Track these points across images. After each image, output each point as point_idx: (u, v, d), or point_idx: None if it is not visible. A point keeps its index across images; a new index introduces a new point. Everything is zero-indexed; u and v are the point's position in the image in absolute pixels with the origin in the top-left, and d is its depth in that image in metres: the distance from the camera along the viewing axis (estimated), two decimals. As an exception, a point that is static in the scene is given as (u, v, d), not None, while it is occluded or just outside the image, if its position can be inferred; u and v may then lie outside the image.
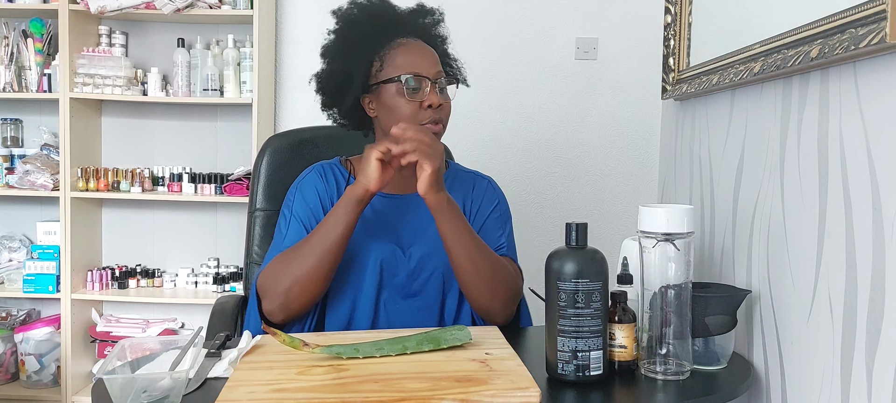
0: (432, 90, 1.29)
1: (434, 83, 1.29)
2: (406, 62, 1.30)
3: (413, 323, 1.30)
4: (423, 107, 1.28)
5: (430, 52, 1.34)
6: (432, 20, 1.42)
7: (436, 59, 1.33)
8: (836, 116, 1.03)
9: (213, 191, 2.71)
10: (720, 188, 1.46)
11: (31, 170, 2.67)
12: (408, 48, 1.32)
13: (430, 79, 1.29)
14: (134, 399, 0.92)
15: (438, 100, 1.29)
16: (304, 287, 1.23)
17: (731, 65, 1.36)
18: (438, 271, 1.32)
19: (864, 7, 0.93)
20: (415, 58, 1.30)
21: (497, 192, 1.47)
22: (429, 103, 1.28)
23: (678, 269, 1.09)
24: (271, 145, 1.64)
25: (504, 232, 1.42)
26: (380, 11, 1.37)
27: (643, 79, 2.72)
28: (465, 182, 1.44)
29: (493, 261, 1.29)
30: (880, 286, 0.92)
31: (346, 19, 1.38)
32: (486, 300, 1.28)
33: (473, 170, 1.49)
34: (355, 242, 1.30)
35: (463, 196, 1.42)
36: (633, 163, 2.79)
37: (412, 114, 1.28)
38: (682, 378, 1.08)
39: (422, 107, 1.28)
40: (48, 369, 2.74)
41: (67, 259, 2.67)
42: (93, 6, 2.56)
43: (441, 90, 1.31)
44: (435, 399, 0.90)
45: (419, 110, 1.28)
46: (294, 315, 1.26)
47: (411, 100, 1.28)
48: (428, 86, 1.29)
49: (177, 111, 2.86)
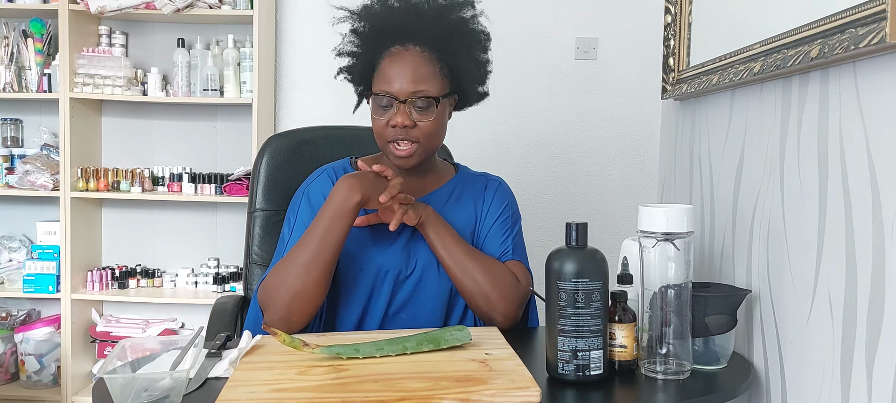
0: (401, 110, 1.26)
1: (404, 103, 1.26)
2: (381, 77, 1.28)
3: (419, 324, 1.30)
4: (389, 125, 1.27)
5: (416, 68, 1.27)
6: (459, 18, 1.33)
7: (422, 75, 1.26)
8: (835, 116, 1.03)
9: (213, 191, 2.71)
10: (720, 188, 1.46)
11: (31, 170, 2.67)
12: (390, 60, 1.28)
13: (398, 100, 1.26)
14: (134, 399, 0.92)
15: (404, 120, 1.26)
16: (305, 298, 1.23)
17: (731, 65, 1.36)
18: (444, 276, 1.32)
19: (864, 7, 0.93)
20: (390, 73, 1.27)
21: (507, 194, 1.45)
22: (393, 123, 1.27)
23: (678, 269, 1.09)
24: (271, 145, 1.63)
25: (510, 234, 1.40)
26: (390, 13, 1.31)
27: (643, 80, 2.72)
28: (474, 187, 1.43)
29: (486, 267, 1.29)
30: (880, 286, 0.92)
31: (361, 16, 1.34)
32: (481, 305, 1.29)
33: (483, 173, 1.48)
34: (363, 250, 1.30)
35: (474, 201, 1.41)
36: (633, 163, 2.79)
37: (379, 130, 1.29)
38: (682, 377, 1.08)
39: (388, 125, 1.28)
40: (48, 369, 2.74)
41: (67, 259, 2.67)
42: (93, 6, 2.56)
43: (419, 109, 1.27)
44: (435, 399, 0.90)
45: (386, 127, 1.28)
46: (296, 327, 1.24)
47: (380, 118, 1.29)
48: (395, 106, 1.27)
49: (177, 111, 2.86)
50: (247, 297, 1.58)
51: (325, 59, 2.40)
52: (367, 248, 1.32)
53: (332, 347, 1.05)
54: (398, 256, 1.32)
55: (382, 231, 1.32)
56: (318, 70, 2.80)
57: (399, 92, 1.26)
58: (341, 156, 1.46)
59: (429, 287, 1.33)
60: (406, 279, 1.32)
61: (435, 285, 1.33)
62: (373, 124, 1.31)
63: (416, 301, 1.33)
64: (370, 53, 1.31)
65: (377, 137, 1.31)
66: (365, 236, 1.33)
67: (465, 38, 1.32)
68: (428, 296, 1.33)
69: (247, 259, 1.60)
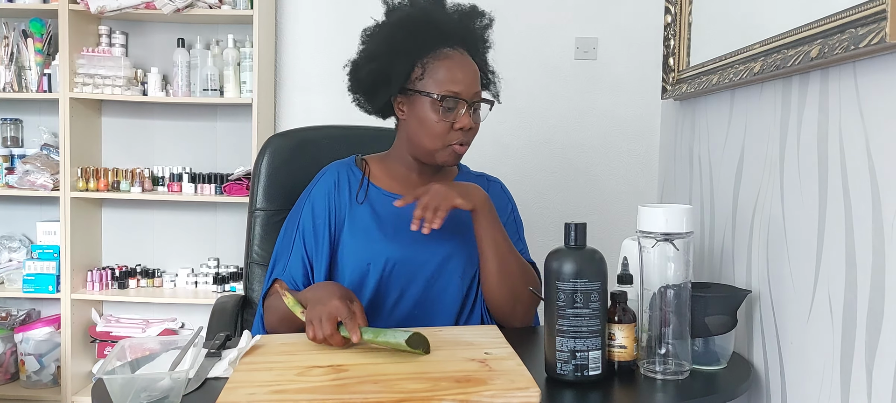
0: (467, 113, 1.26)
1: (470, 105, 1.27)
2: (447, 78, 1.26)
3: (430, 323, 1.30)
4: (455, 128, 1.26)
5: (473, 70, 1.29)
6: (482, 24, 1.36)
7: (477, 77, 1.29)
8: (835, 116, 1.03)
9: (213, 191, 2.71)
10: (720, 188, 1.46)
11: (31, 170, 2.67)
12: (451, 62, 1.27)
13: (466, 101, 1.26)
14: (134, 399, 0.92)
15: (470, 123, 1.27)
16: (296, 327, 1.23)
17: (731, 65, 1.36)
18: (455, 274, 1.32)
19: (864, 7, 0.93)
20: (456, 75, 1.26)
21: (509, 197, 1.46)
22: (460, 126, 1.26)
23: (678, 269, 1.09)
24: (271, 145, 1.63)
25: (520, 237, 1.42)
26: (430, 13, 1.31)
27: (643, 79, 2.72)
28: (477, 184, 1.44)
29: (521, 266, 1.31)
30: (880, 286, 0.92)
31: (396, 15, 1.33)
32: (508, 303, 1.29)
33: (482, 174, 1.48)
34: (370, 244, 1.30)
35: None
36: (632, 163, 2.79)
37: (442, 132, 1.27)
38: (681, 377, 1.08)
39: (452, 127, 1.26)
40: (48, 369, 2.74)
41: (67, 259, 2.67)
42: (93, 6, 2.56)
43: (475, 111, 1.29)
44: (435, 399, 0.90)
45: (450, 130, 1.27)
46: None
47: (443, 119, 1.26)
48: (463, 108, 1.26)
49: (177, 111, 2.86)
50: (247, 297, 1.58)
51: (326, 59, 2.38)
52: (375, 241, 1.32)
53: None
54: (404, 248, 1.31)
55: (390, 226, 1.32)
56: (319, 70, 2.79)
57: (467, 94, 1.26)
58: (342, 155, 1.46)
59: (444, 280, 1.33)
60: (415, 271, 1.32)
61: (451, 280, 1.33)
62: (429, 126, 1.27)
63: (429, 293, 1.32)
64: (413, 53, 1.28)
65: (435, 139, 1.27)
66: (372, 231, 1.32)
67: (487, 44, 1.38)
68: (441, 289, 1.33)
69: (247, 259, 1.60)
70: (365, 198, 1.35)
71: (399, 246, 1.31)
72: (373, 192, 1.36)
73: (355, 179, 1.37)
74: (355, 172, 1.39)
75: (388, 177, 1.38)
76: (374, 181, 1.37)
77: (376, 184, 1.37)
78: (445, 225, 1.23)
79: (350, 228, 1.33)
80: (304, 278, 1.32)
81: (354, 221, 1.34)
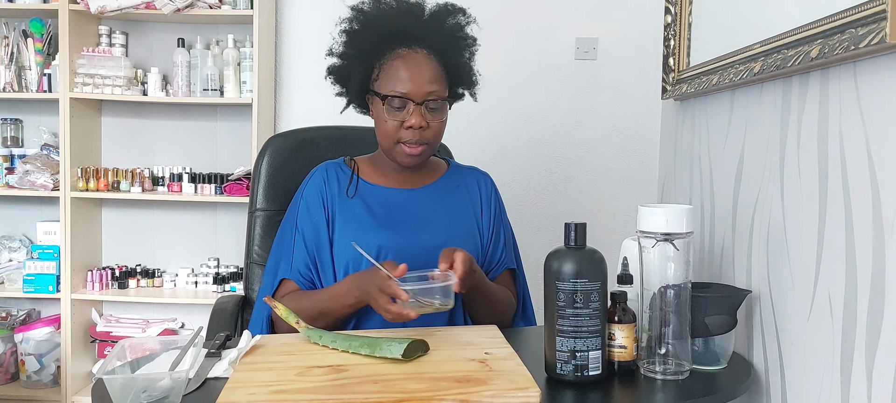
0: (415, 112, 1.27)
1: (420, 104, 1.28)
2: (394, 78, 1.28)
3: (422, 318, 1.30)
4: (404, 127, 1.28)
5: (426, 70, 1.29)
6: (454, 23, 1.36)
7: (432, 76, 1.29)
8: (835, 116, 1.03)
9: (213, 191, 2.71)
10: (720, 188, 1.46)
11: (31, 170, 2.67)
12: (401, 62, 1.29)
13: (414, 102, 1.27)
14: (134, 399, 0.92)
15: (420, 121, 1.27)
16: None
17: (731, 65, 1.36)
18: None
19: (864, 7, 0.93)
20: (403, 74, 1.27)
21: (496, 192, 1.48)
22: (408, 125, 1.28)
23: (678, 269, 1.09)
24: (272, 145, 1.64)
25: (505, 237, 1.45)
26: (390, 15, 1.32)
27: (643, 79, 2.72)
28: (468, 180, 1.46)
29: (503, 306, 1.37)
30: (880, 286, 0.92)
31: (357, 18, 1.35)
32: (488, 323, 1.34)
33: (471, 167, 1.51)
34: (364, 237, 1.31)
35: (469, 195, 1.44)
36: (632, 162, 2.79)
37: (392, 132, 1.30)
38: (681, 377, 1.08)
39: (403, 126, 1.29)
40: (48, 369, 2.74)
41: (67, 259, 2.67)
42: (93, 6, 2.56)
43: (432, 110, 1.29)
44: (435, 399, 0.90)
45: (400, 129, 1.29)
46: None
47: (392, 119, 1.29)
48: (411, 107, 1.28)
49: (177, 111, 2.86)
50: (247, 297, 1.59)
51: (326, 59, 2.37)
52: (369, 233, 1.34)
53: (310, 330, 1.14)
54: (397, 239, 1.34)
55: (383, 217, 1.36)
56: (318, 70, 2.75)
57: (414, 93, 1.27)
58: (342, 155, 1.47)
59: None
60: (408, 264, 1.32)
61: None
62: (380, 126, 1.31)
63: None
64: (371, 55, 1.32)
65: (385, 139, 1.32)
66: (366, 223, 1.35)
67: (462, 42, 1.36)
68: None
69: (248, 258, 1.60)
70: (355, 193, 1.37)
71: (391, 234, 1.33)
72: (363, 186, 1.39)
73: (345, 176, 1.40)
74: (345, 170, 1.41)
75: (377, 173, 1.41)
76: (364, 177, 1.40)
77: (366, 179, 1.39)
78: (439, 213, 1.32)
79: (342, 221, 1.35)
80: (310, 274, 1.34)
81: (346, 214, 1.36)
